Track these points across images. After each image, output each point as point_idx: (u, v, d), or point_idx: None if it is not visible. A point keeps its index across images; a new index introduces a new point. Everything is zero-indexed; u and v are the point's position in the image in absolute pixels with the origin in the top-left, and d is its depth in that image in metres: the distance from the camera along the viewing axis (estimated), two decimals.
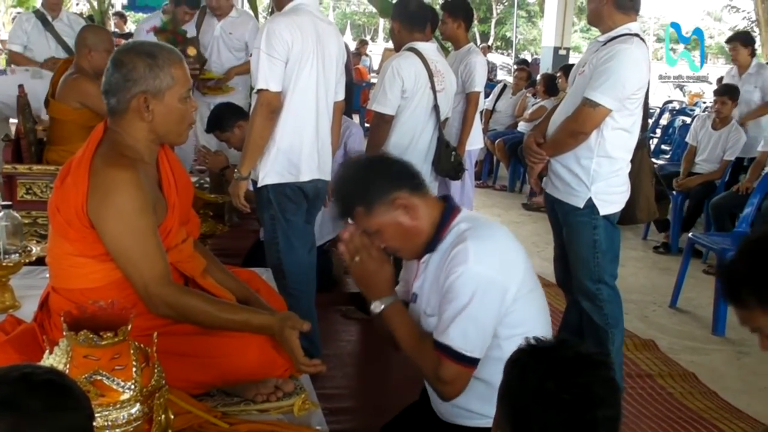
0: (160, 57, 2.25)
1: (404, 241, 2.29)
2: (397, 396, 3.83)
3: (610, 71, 3.44)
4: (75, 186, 2.17)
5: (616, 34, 3.55)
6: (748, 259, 1.69)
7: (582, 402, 1.46)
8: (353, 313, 4.79)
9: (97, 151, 2.22)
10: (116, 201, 2.14)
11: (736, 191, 6.50)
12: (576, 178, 3.59)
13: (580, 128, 3.52)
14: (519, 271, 2.20)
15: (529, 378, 1.49)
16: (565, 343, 1.57)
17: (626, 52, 3.47)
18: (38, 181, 4.31)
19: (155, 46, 2.35)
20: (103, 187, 2.15)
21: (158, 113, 2.25)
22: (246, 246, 5.41)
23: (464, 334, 2.13)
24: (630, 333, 4.85)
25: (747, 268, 1.67)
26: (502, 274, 2.15)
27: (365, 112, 12.08)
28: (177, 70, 2.27)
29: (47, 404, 1.24)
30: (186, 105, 2.32)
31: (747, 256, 1.71)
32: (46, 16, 6.53)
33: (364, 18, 42.42)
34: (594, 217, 3.59)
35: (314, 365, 2.30)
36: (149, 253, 2.19)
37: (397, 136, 4.48)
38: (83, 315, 1.76)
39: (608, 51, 3.49)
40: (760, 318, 1.69)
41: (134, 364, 1.73)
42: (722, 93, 7.26)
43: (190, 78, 2.36)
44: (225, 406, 2.23)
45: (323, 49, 3.66)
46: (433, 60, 4.55)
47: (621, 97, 3.48)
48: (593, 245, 3.60)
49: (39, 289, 2.51)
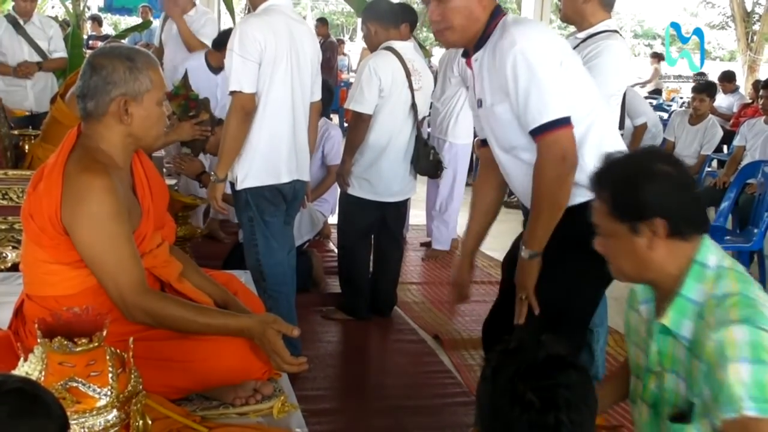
0: (138, 60, 2.25)
1: (464, 20, 2.52)
2: (378, 396, 3.86)
3: (598, 68, 3.43)
4: (48, 192, 2.15)
5: (595, 31, 3.56)
6: (620, 171, 1.95)
7: (547, 404, 1.46)
8: (333, 314, 4.78)
9: (71, 157, 2.20)
10: (90, 208, 2.12)
11: (713, 186, 6.55)
12: None
13: None
14: (564, 44, 2.57)
15: (499, 378, 1.50)
16: (540, 343, 1.57)
17: (612, 48, 3.49)
18: (14, 186, 4.27)
19: (132, 49, 2.34)
20: (76, 194, 2.13)
21: (137, 116, 2.25)
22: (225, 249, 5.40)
23: (545, 104, 2.42)
24: (612, 329, 4.87)
25: (621, 174, 1.93)
26: (551, 43, 2.47)
27: (344, 112, 12.07)
28: (154, 74, 2.27)
29: (16, 412, 1.23)
30: (161, 110, 2.32)
31: (631, 165, 1.97)
32: (18, 20, 6.49)
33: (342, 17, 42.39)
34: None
35: (299, 363, 2.29)
36: (124, 261, 2.17)
37: (375, 135, 4.48)
38: (58, 322, 1.75)
39: (593, 48, 3.49)
40: (604, 217, 1.94)
41: (110, 370, 1.72)
42: (701, 90, 7.32)
43: (165, 83, 2.36)
44: (204, 410, 2.22)
45: (297, 49, 3.65)
46: (410, 59, 4.56)
47: (609, 93, 3.48)
48: None
49: (15, 295, 2.48)
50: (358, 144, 4.49)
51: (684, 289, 1.88)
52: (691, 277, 1.88)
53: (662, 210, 1.85)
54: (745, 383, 1.67)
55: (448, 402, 3.82)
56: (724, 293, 1.82)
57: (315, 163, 5.94)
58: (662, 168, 1.90)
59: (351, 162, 4.53)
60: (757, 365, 1.68)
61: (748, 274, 1.90)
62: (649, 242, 1.88)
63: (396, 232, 4.84)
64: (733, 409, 1.68)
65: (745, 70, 18.01)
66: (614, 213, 1.91)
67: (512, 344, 1.57)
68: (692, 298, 1.87)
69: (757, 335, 1.70)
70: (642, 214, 1.86)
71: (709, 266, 1.87)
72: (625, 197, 1.89)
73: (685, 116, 7.27)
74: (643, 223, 1.87)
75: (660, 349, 1.96)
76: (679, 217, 1.87)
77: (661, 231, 1.86)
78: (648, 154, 2.05)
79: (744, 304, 1.77)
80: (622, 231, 1.90)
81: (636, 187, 1.87)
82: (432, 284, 5.60)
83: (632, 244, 1.90)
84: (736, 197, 5.81)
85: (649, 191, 1.86)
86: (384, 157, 4.49)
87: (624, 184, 1.90)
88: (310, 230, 5.19)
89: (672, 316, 1.89)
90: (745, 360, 1.68)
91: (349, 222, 4.71)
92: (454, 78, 6.02)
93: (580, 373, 1.54)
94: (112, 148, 2.26)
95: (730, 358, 1.69)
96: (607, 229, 1.95)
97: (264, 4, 3.66)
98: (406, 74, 4.48)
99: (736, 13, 18.86)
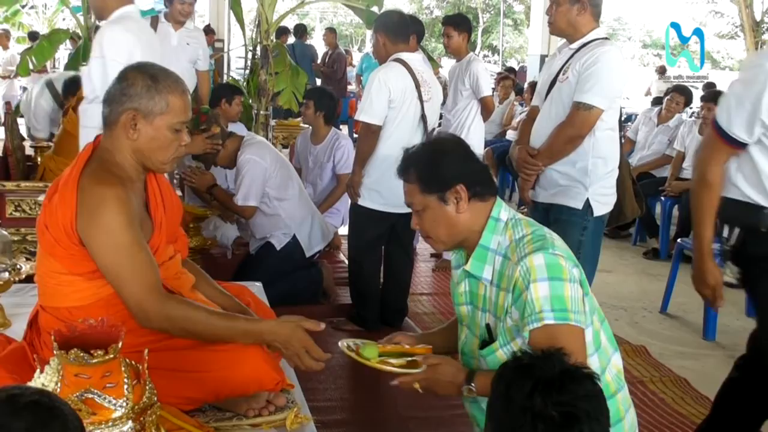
0: (162, 82, 2.26)
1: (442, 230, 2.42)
2: (390, 407, 3.85)
3: (599, 73, 3.52)
4: (63, 204, 2.17)
5: (588, 40, 3.64)
6: (425, 151, 2.34)
7: (569, 418, 1.47)
8: (344, 325, 4.78)
9: (86, 169, 2.23)
10: (104, 218, 2.14)
11: None
12: (573, 180, 3.63)
13: (577, 132, 3.57)
14: None
15: (516, 395, 1.50)
16: (550, 358, 1.58)
17: (610, 54, 3.57)
18: (27, 198, 4.31)
19: (162, 71, 2.33)
20: (91, 205, 2.15)
21: (144, 134, 2.25)
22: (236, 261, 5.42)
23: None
24: (621, 339, 4.86)
25: (421, 157, 2.31)
26: None
27: (353, 123, 12.11)
28: (175, 99, 2.27)
29: (32, 425, 1.24)
30: (175, 136, 2.30)
31: (426, 149, 2.36)
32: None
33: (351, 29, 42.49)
34: (586, 219, 3.63)
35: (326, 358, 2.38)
36: (140, 268, 2.19)
37: (385, 146, 4.49)
38: (73, 333, 1.76)
39: (591, 55, 3.56)
40: (416, 195, 2.29)
41: (125, 382, 1.73)
42: (709, 99, 7.30)
43: (188, 112, 2.34)
44: (217, 421, 2.23)
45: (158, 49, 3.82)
46: (420, 70, 4.57)
47: (611, 97, 3.60)
48: (578, 246, 3.61)
49: (29, 307, 2.50)
50: (368, 155, 4.50)
51: (483, 240, 2.28)
52: (488, 230, 2.28)
53: (461, 177, 2.26)
54: (546, 297, 2.06)
55: (459, 413, 3.78)
56: (521, 236, 2.22)
57: (326, 173, 5.99)
58: (451, 145, 2.38)
59: (361, 173, 4.54)
60: (554, 282, 2.08)
61: (538, 223, 2.32)
62: (456, 207, 2.26)
63: (406, 242, 4.84)
64: (537, 320, 2.06)
65: None
66: (424, 189, 2.27)
67: (525, 360, 1.58)
68: (489, 246, 2.27)
69: (552, 258, 2.11)
70: (446, 184, 2.25)
71: (502, 219, 2.28)
72: (430, 173, 2.27)
73: (695, 127, 7.26)
74: (449, 192, 2.25)
75: (467, 289, 2.36)
76: (475, 181, 2.28)
77: (464, 195, 2.25)
78: (437, 137, 2.54)
79: (536, 239, 2.18)
80: (433, 203, 2.27)
81: (437, 163, 2.29)
82: (442, 295, 5.59)
83: (443, 212, 2.27)
84: None
85: (447, 164, 2.28)
86: (394, 168, 4.48)
87: (426, 163, 2.29)
88: (321, 241, 5.20)
89: (472, 263, 2.29)
90: (544, 279, 2.08)
91: (360, 233, 4.71)
92: (465, 90, 6.07)
93: (594, 383, 1.55)
94: (124, 160, 2.27)
95: (532, 280, 2.09)
96: (420, 204, 2.30)
97: (116, 12, 3.81)
98: (415, 85, 4.49)
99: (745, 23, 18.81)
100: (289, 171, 5.17)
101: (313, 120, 5.98)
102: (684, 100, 7.65)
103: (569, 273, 2.12)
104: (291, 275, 4.99)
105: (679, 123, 7.60)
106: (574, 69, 3.60)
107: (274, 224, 4.99)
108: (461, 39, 6.11)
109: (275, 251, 4.96)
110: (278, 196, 4.97)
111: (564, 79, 3.65)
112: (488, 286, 2.27)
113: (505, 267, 2.21)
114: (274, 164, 4.97)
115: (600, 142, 3.63)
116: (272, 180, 4.94)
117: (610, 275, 6.52)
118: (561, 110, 3.63)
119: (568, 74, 3.62)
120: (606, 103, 3.55)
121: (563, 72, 3.67)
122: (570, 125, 3.58)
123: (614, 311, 5.50)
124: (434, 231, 2.32)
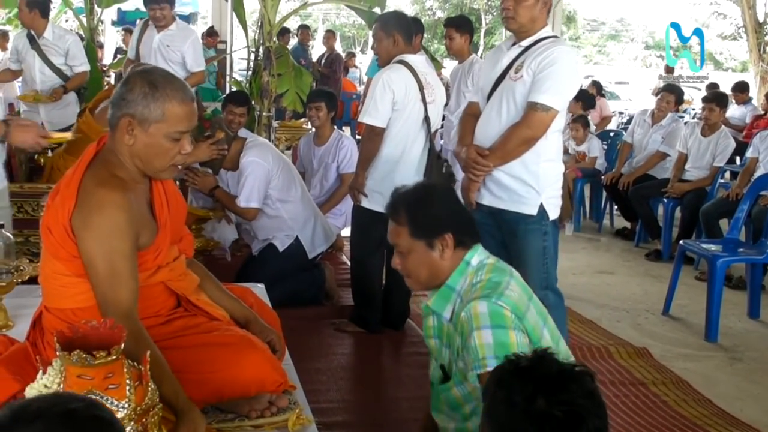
0: (161, 90, 2.20)
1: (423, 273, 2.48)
2: (392, 409, 3.86)
3: (557, 74, 3.50)
4: (63, 203, 2.18)
5: (540, 37, 3.62)
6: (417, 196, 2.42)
7: (573, 416, 1.47)
8: (346, 326, 4.78)
9: (88, 170, 2.23)
10: (97, 219, 2.14)
11: (726, 197, 6.54)
12: (525, 185, 3.59)
13: (533, 134, 3.54)
14: None
15: (516, 398, 1.51)
16: (544, 358, 1.59)
17: (568, 55, 3.59)
18: (30, 199, 4.32)
19: (164, 77, 2.26)
20: (89, 205, 2.15)
21: (140, 141, 2.22)
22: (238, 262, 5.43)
23: None
24: (623, 341, 4.87)
25: (413, 201, 2.39)
26: None
27: (356, 125, 12.12)
28: (173, 107, 2.21)
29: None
30: (172, 144, 2.24)
31: (419, 193, 2.43)
32: (33, 35, 6.61)
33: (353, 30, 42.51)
34: (544, 224, 3.61)
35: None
36: (118, 276, 2.15)
37: (388, 148, 4.49)
38: (76, 335, 1.77)
39: (547, 54, 3.52)
40: (405, 237, 2.38)
41: (128, 383, 1.74)
42: (710, 100, 7.32)
43: (189, 121, 2.26)
44: (219, 422, 2.24)
45: None
46: (423, 72, 4.57)
47: (567, 99, 3.62)
48: (543, 252, 3.60)
49: (32, 308, 2.50)
50: (372, 157, 4.49)
51: (450, 280, 2.37)
52: (457, 272, 2.37)
53: (450, 226, 2.36)
54: (489, 344, 2.14)
55: None
56: (477, 281, 2.32)
57: (332, 174, 6.01)
58: (443, 193, 2.47)
59: (364, 175, 4.53)
60: (496, 330, 2.15)
61: (506, 267, 2.42)
62: (441, 254, 2.36)
63: None
64: (480, 366, 2.14)
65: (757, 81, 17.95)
66: (413, 233, 2.36)
67: (523, 363, 1.58)
68: (453, 287, 2.37)
69: (494, 307, 2.19)
70: (435, 232, 2.35)
71: (472, 264, 2.37)
72: (422, 219, 2.36)
73: (697, 128, 7.27)
74: (437, 239, 2.35)
75: (435, 324, 2.44)
76: (463, 231, 2.39)
77: (450, 243, 2.35)
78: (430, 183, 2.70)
79: (488, 287, 2.26)
80: (420, 247, 2.37)
81: (428, 210, 2.37)
82: None
83: (428, 257, 2.37)
84: (749, 209, 5.79)
85: (438, 212, 2.38)
86: (397, 169, 4.49)
87: (418, 208, 2.38)
88: (324, 243, 5.21)
89: (434, 299, 2.40)
90: (487, 327, 2.16)
91: (362, 235, 4.71)
92: (468, 92, 6.06)
93: (592, 379, 1.57)
94: (127, 162, 2.27)
95: (476, 327, 2.17)
96: (406, 247, 2.39)
97: None
98: (419, 87, 4.49)
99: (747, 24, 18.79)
100: (292, 173, 5.18)
101: (325, 121, 6.00)
102: (675, 98, 7.69)
103: (512, 321, 2.19)
104: (293, 277, 5.00)
105: (672, 121, 7.63)
106: (529, 68, 3.55)
107: (277, 226, 5.00)
108: (463, 41, 6.11)
109: (278, 253, 4.97)
110: (281, 198, 4.98)
111: (518, 78, 3.59)
112: (448, 324, 2.38)
113: (459, 309, 2.31)
114: (276, 166, 4.98)
115: (551, 145, 3.62)
116: (275, 181, 4.95)
117: (612, 277, 6.52)
118: (514, 109, 3.59)
119: (522, 72, 3.57)
120: (562, 104, 3.55)
121: (515, 70, 3.61)
122: (526, 126, 3.53)
123: (616, 313, 5.50)
124: (416, 273, 2.43)
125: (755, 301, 5.53)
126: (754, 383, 4.37)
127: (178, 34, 6.36)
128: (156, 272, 2.35)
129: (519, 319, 2.21)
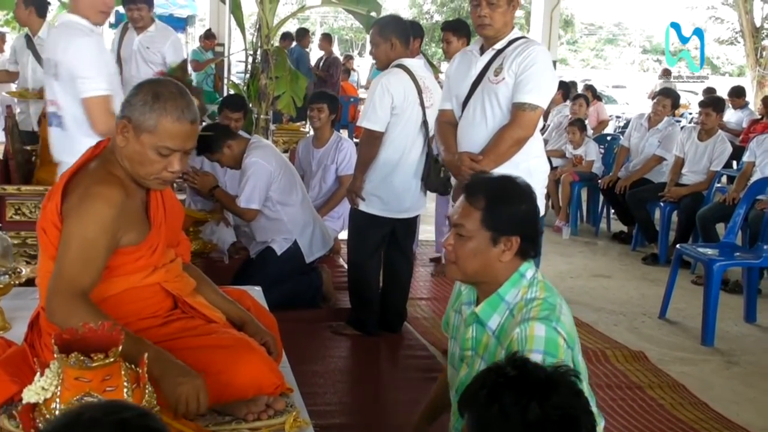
0: (162, 102, 2.22)
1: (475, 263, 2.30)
2: (389, 411, 3.86)
3: (539, 74, 3.61)
4: (51, 199, 2.23)
5: (513, 38, 3.72)
6: (500, 186, 2.30)
7: (569, 419, 1.48)
8: (343, 329, 4.79)
9: (88, 168, 2.28)
10: (85, 208, 2.17)
11: (723, 202, 6.55)
12: None
13: (525, 133, 3.64)
14: None
15: (510, 409, 1.51)
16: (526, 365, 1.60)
17: (544, 54, 3.70)
18: (27, 201, 4.31)
19: (171, 93, 2.25)
20: (79, 196, 2.19)
21: (131, 145, 2.26)
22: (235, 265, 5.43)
23: None
24: (620, 344, 4.88)
25: (496, 190, 2.27)
26: None
27: (354, 128, 12.13)
28: (167, 122, 2.22)
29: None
30: (159, 158, 2.25)
31: (503, 185, 2.31)
32: (29, 34, 6.62)
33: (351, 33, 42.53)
34: None
35: None
36: (83, 261, 2.17)
37: (387, 152, 4.50)
38: (73, 337, 1.77)
39: (526, 55, 3.62)
40: (472, 222, 2.23)
41: (125, 386, 1.74)
42: (707, 104, 7.34)
43: (183, 141, 2.26)
44: (216, 425, 2.23)
45: None
46: (421, 76, 4.58)
47: (550, 96, 3.75)
48: None
49: (29, 310, 2.50)
50: (370, 161, 4.50)
51: (502, 290, 2.25)
52: (510, 282, 2.25)
53: (523, 230, 2.24)
54: None
55: None
56: (532, 297, 2.21)
57: (330, 176, 6.02)
58: (528, 195, 2.30)
59: (363, 179, 4.53)
60: (547, 356, 2.02)
61: (554, 288, 2.29)
62: (501, 254, 2.23)
63: (406, 248, 4.85)
64: None
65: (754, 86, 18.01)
66: (484, 221, 2.22)
67: (511, 372, 1.58)
68: (505, 298, 2.24)
69: (552, 333, 2.08)
70: (507, 230, 2.22)
71: (526, 277, 2.26)
72: (500, 211, 2.22)
73: (694, 133, 7.28)
74: (504, 237, 2.22)
75: (474, 335, 2.31)
76: (530, 240, 2.26)
77: (515, 247, 2.23)
78: (517, 179, 2.35)
79: (545, 308, 2.15)
80: (484, 238, 2.22)
81: (510, 205, 2.24)
82: (442, 300, 5.60)
83: (487, 251, 2.23)
84: (746, 213, 5.80)
85: (518, 211, 2.25)
86: (395, 173, 4.50)
87: (500, 199, 2.24)
88: (321, 248, 5.21)
89: (484, 308, 2.27)
90: (539, 352, 2.04)
91: (360, 238, 4.72)
92: None
93: (578, 377, 1.59)
94: (124, 162, 2.30)
95: (528, 350, 2.04)
96: (470, 231, 2.23)
97: None
98: (417, 92, 4.50)
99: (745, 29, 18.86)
100: (294, 177, 5.19)
101: (326, 123, 6.02)
102: (671, 102, 7.69)
103: (564, 352, 2.09)
104: (291, 280, 5.00)
105: (668, 125, 7.63)
106: (510, 69, 3.63)
107: (277, 228, 5.00)
108: (460, 44, 6.07)
109: (276, 256, 4.97)
110: (282, 201, 4.99)
111: (499, 80, 3.66)
112: (491, 336, 2.26)
113: (508, 323, 2.21)
114: (279, 168, 4.99)
115: (536, 142, 3.74)
116: (276, 184, 4.96)
117: (609, 280, 6.53)
118: (499, 112, 3.67)
119: (504, 75, 3.64)
120: (546, 102, 3.67)
121: (495, 73, 3.68)
122: (517, 126, 3.61)
123: (613, 316, 5.50)
124: (465, 261, 2.27)
125: (752, 305, 5.54)
126: (751, 387, 4.38)
127: (158, 35, 6.28)
128: (152, 273, 2.36)
129: (570, 348, 2.12)
